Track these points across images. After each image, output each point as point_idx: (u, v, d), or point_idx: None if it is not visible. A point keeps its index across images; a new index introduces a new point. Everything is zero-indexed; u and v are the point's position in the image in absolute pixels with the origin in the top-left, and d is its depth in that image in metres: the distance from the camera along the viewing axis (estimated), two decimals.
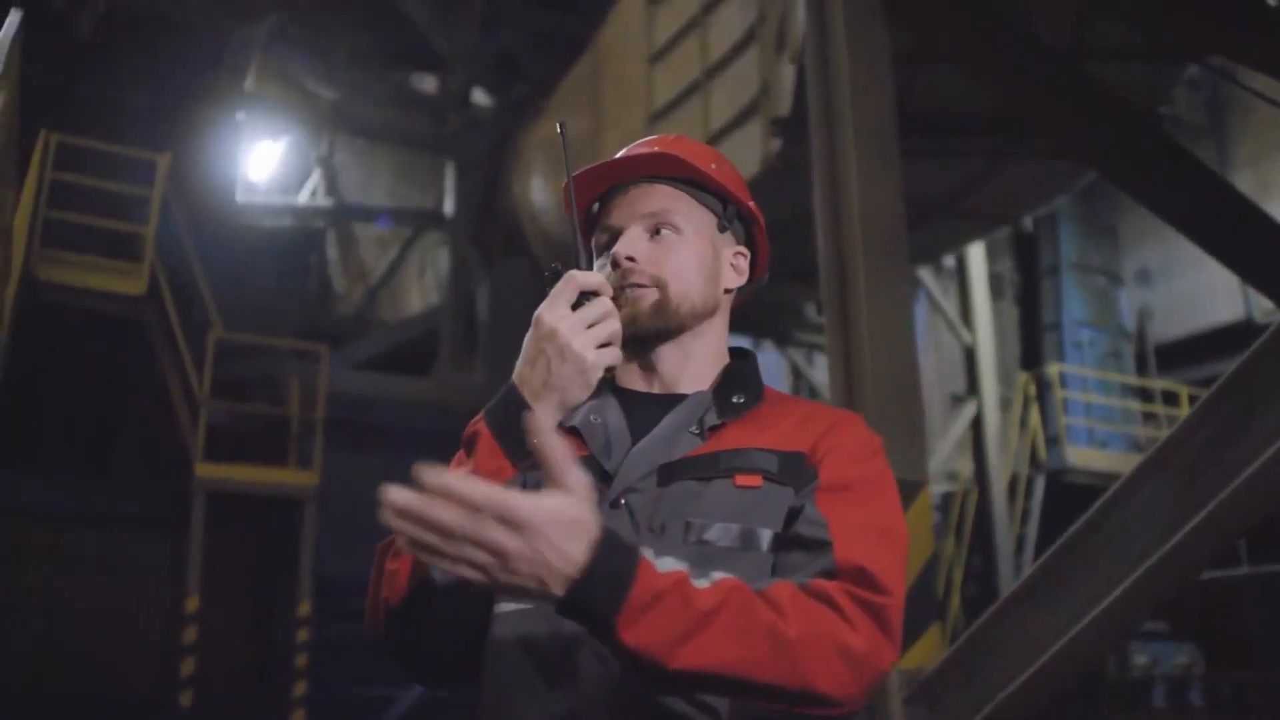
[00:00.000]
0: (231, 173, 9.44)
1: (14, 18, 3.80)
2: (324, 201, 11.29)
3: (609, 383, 1.52)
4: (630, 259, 1.47)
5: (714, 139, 7.59)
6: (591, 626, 1.17)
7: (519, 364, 1.38)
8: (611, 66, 9.21)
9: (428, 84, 10.87)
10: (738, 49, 7.50)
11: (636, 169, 1.53)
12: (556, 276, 1.40)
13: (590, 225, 1.59)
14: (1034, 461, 10.72)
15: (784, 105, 6.61)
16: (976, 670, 3.50)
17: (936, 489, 11.05)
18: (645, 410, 1.47)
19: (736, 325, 1.63)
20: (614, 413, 1.47)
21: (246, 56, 9.14)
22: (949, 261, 10.39)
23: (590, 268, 1.46)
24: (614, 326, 1.37)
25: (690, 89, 8.02)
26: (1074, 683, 3.37)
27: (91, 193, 7.71)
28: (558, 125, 1.53)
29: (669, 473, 1.39)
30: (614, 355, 1.37)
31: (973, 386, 10.15)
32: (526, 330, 1.50)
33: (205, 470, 7.78)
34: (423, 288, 11.62)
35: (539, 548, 1.11)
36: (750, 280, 1.62)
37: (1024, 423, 10.73)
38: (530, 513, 1.10)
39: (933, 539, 3.90)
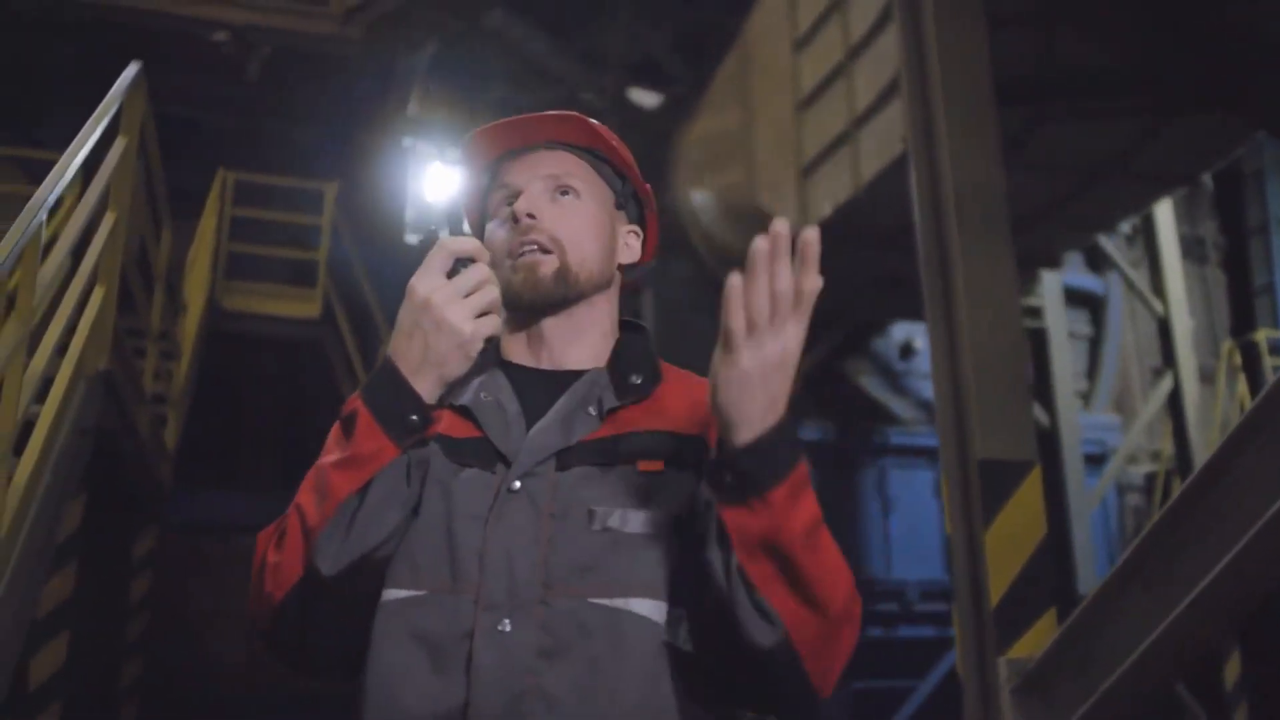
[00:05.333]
0: (400, 195, 9.89)
1: (131, 69, 4.09)
2: None
3: (496, 356, 1.48)
4: (531, 215, 1.43)
5: (860, 120, 7.43)
6: (749, 484, 1.19)
7: (394, 337, 1.34)
8: (758, 57, 9.13)
9: (588, 90, 11.04)
10: (877, 27, 7.32)
11: (542, 130, 1.52)
12: (432, 241, 1.37)
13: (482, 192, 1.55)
14: None
15: None
16: (1087, 655, 3.30)
17: (1139, 469, 10.44)
18: (536, 388, 1.43)
19: (895, 308, 1.58)
20: (506, 391, 1.42)
21: (408, 85, 9.55)
22: (1125, 228, 9.78)
23: (467, 232, 1.43)
24: (492, 294, 1.32)
25: (834, 72, 7.87)
26: (1187, 664, 3.14)
27: (267, 224, 8.23)
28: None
29: (568, 457, 1.35)
30: (493, 325, 1.33)
31: (1168, 359, 9.51)
32: (691, 329, 1.49)
33: None
34: None
35: (791, 379, 1.20)
36: (638, 264, 1.61)
37: (1232, 395, 9.98)
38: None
39: (1043, 522, 3.69)
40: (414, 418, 1.30)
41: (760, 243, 1.14)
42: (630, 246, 1.57)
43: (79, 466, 3.77)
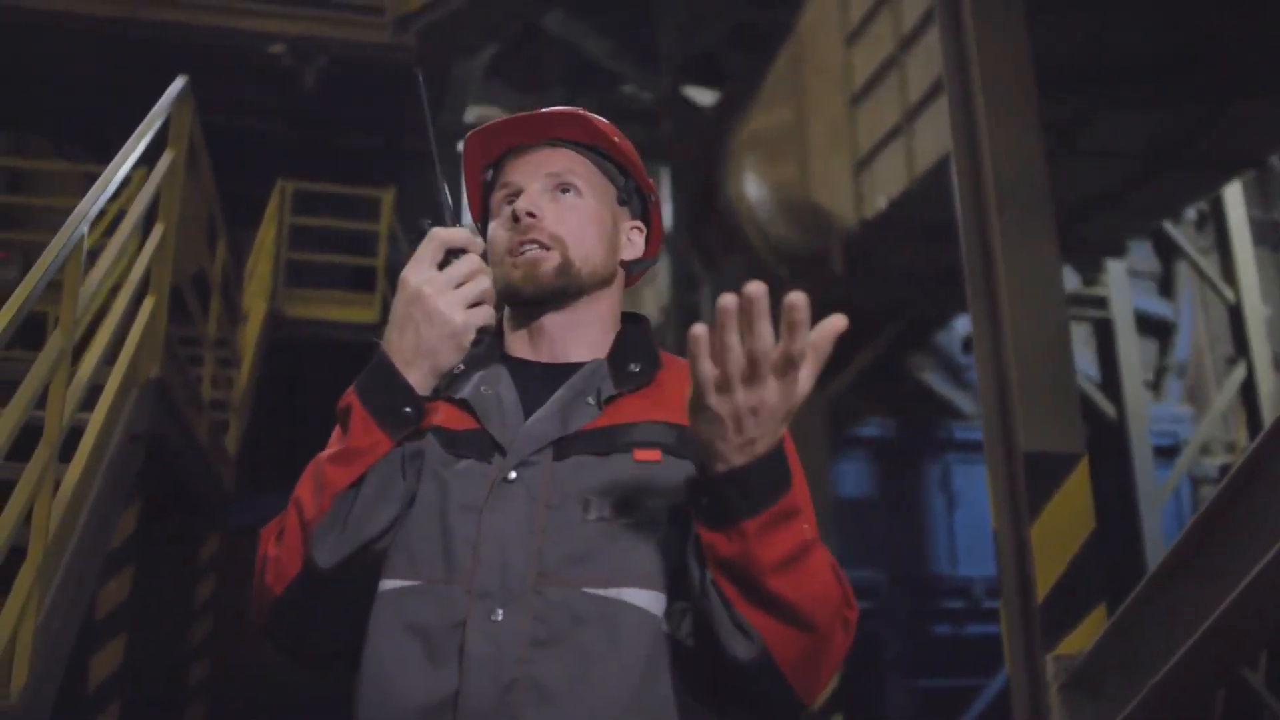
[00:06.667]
0: (456, 201, 9.94)
1: (178, 83, 4.18)
2: None
3: (498, 352, 1.49)
4: (531, 215, 1.44)
5: (913, 113, 7.34)
6: (722, 512, 1.18)
7: (388, 329, 1.35)
8: (811, 52, 9.06)
9: (644, 91, 11.05)
10: (928, 18, 7.22)
11: (543, 128, 1.52)
12: (425, 234, 1.36)
13: (485, 191, 1.57)
14: None
15: None
16: (1135, 651, 3.22)
17: (1214, 461, 10.17)
18: (537, 380, 1.43)
19: (956, 301, 1.54)
20: (506, 384, 1.42)
21: (463, 91, 9.64)
22: (1191, 214, 9.52)
23: (458, 224, 1.40)
24: (484, 284, 1.32)
25: (886, 65, 7.78)
26: (1239, 658, 3.05)
27: (326, 232, 8.37)
28: (418, 74, 1.54)
29: (565, 447, 1.35)
30: (486, 314, 1.32)
31: (1240, 348, 9.25)
32: None
33: None
34: (656, 291, 11.83)
35: (780, 423, 1.17)
36: (642, 259, 1.61)
37: None
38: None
39: (1092, 515, 3.61)
40: (407, 410, 1.31)
41: (727, 300, 1.09)
42: (633, 242, 1.58)
43: (131, 472, 3.86)
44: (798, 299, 1.08)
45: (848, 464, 9.63)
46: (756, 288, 1.08)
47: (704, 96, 10.99)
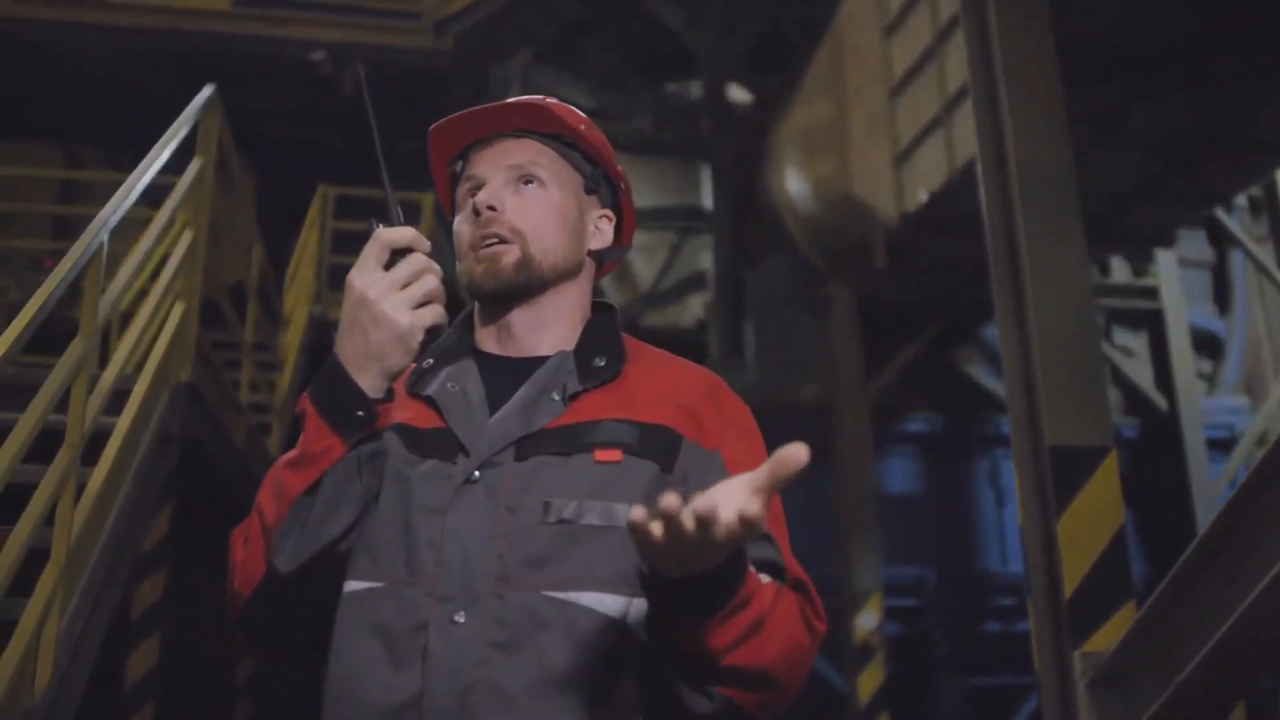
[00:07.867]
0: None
1: (206, 91, 4.25)
2: None
3: (468, 346, 1.49)
4: (492, 208, 1.44)
5: (952, 104, 7.26)
6: (675, 611, 1.19)
7: (338, 334, 1.33)
8: (849, 45, 9.00)
9: (684, 90, 11.02)
10: None
11: (505, 120, 1.51)
12: (369, 235, 1.34)
13: (454, 184, 1.57)
14: None
15: None
16: (1163, 647, 3.15)
17: None
18: (503, 375, 1.43)
19: None
20: (474, 380, 1.42)
21: (503, 93, 9.68)
22: (1242, 200, 9.31)
23: (402, 222, 1.37)
24: (430, 284, 1.30)
25: (925, 56, 7.70)
26: (1268, 653, 2.96)
27: (367, 236, 8.42)
28: (359, 70, 1.53)
29: (527, 446, 1.35)
30: (434, 314, 1.30)
31: None
32: (793, 325, 1.43)
33: None
34: (703, 291, 11.77)
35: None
36: (614, 247, 1.60)
37: None
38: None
39: (1120, 510, 3.54)
40: (360, 414, 1.31)
41: (670, 501, 1.03)
42: (602, 231, 1.56)
43: (161, 474, 3.92)
44: (753, 511, 1.02)
45: (893, 460, 9.55)
46: (706, 507, 1.02)
47: (744, 94, 10.93)
